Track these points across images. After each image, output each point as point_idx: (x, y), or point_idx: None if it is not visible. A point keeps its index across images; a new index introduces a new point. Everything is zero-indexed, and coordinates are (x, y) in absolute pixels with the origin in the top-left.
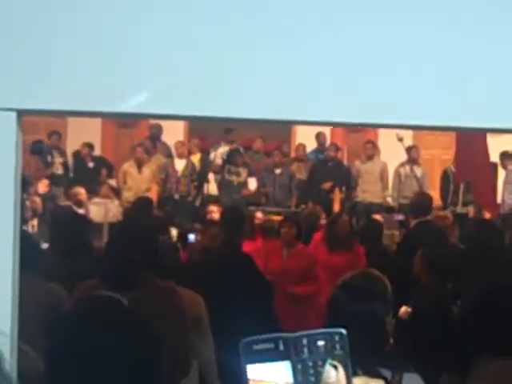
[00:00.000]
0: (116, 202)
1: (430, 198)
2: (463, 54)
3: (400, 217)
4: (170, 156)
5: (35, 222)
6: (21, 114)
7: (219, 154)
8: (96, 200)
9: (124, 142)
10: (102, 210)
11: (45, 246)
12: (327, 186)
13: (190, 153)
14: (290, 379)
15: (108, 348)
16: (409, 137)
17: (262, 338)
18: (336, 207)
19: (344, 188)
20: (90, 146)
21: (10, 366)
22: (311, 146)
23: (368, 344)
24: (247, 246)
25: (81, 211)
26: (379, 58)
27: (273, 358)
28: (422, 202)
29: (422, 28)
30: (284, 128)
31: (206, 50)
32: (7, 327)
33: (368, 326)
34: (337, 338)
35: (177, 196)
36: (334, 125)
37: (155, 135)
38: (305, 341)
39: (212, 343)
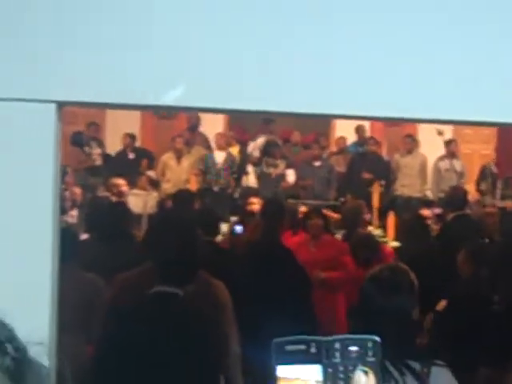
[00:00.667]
0: (154, 194)
1: (464, 192)
2: (503, 51)
3: (437, 210)
4: (209, 148)
5: (75, 212)
6: (61, 105)
7: (257, 145)
8: (135, 191)
9: (163, 133)
10: (140, 201)
11: (84, 236)
12: (367, 175)
13: (229, 145)
14: (320, 380)
15: (170, 345)
16: (448, 131)
17: (295, 339)
18: (375, 201)
19: (383, 181)
20: (132, 137)
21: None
22: (351, 138)
23: (394, 336)
24: (290, 240)
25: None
26: (418, 54)
27: (304, 360)
28: (456, 196)
29: (463, 27)
30: (322, 121)
31: (244, 44)
32: (46, 321)
33: (394, 318)
34: (370, 344)
35: (216, 188)
36: (373, 119)
37: (194, 126)
38: (337, 345)
39: (237, 336)
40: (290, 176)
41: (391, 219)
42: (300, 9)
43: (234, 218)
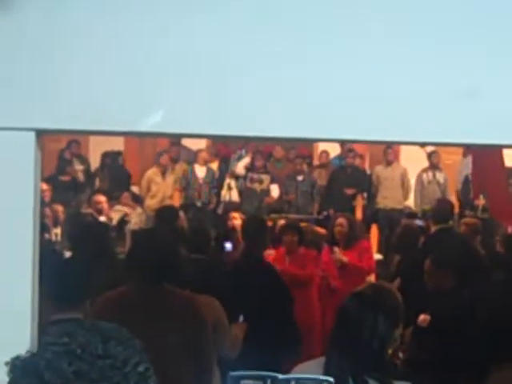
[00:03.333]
0: (138, 210)
1: (451, 205)
2: (476, 74)
3: (420, 223)
4: (192, 163)
5: (58, 230)
6: (40, 133)
7: (241, 164)
8: (118, 207)
9: (147, 148)
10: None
11: (68, 254)
12: (350, 191)
13: (211, 160)
14: None
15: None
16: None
17: (251, 374)
18: (358, 214)
19: (365, 194)
20: (111, 155)
21: None
22: (334, 151)
23: (365, 352)
24: (270, 255)
25: (102, 219)
26: (396, 79)
27: None
28: (443, 209)
29: (438, 48)
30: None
31: (225, 70)
32: (27, 341)
33: (373, 337)
34: None
35: (199, 203)
36: (352, 142)
37: (178, 142)
38: (293, 383)
39: (232, 342)
40: (275, 191)
41: (374, 231)
42: (279, 34)
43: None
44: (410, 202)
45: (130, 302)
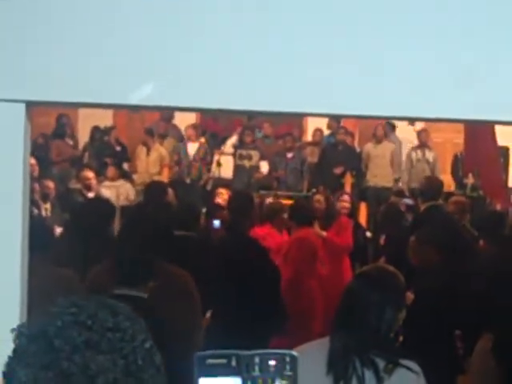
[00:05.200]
0: (128, 185)
1: (440, 183)
2: (469, 53)
3: (410, 201)
4: (181, 139)
5: (48, 205)
6: (29, 105)
7: (230, 142)
8: (107, 183)
9: (136, 124)
10: (113, 193)
11: (58, 230)
12: (339, 170)
13: (201, 136)
14: None
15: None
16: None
17: (216, 353)
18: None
19: (355, 172)
20: (100, 130)
21: None
22: (324, 128)
23: (370, 332)
24: (257, 231)
25: (90, 194)
26: (390, 53)
27: (225, 373)
28: (432, 187)
29: (430, 27)
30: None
31: (216, 43)
32: (16, 314)
33: (377, 318)
34: (288, 358)
35: (188, 180)
36: (345, 117)
37: (167, 118)
38: (257, 359)
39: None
40: (264, 167)
41: (363, 209)
42: (274, 8)
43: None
44: (400, 180)
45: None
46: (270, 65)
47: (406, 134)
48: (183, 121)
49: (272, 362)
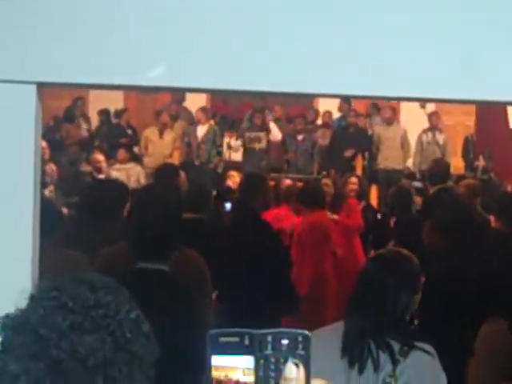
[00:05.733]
0: (138, 168)
1: (447, 165)
2: (478, 33)
3: (419, 184)
4: (192, 122)
5: (51, 188)
6: (40, 86)
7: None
8: (117, 166)
9: (147, 107)
10: (123, 175)
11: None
12: (349, 153)
13: (211, 119)
14: (251, 368)
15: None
16: (431, 103)
17: (229, 331)
18: (358, 174)
19: (366, 154)
20: (107, 113)
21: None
22: (335, 111)
23: (385, 315)
24: (274, 213)
25: (101, 177)
26: (398, 34)
27: (237, 352)
28: (439, 169)
29: (439, 7)
30: (305, 95)
31: (226, 24)
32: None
33: (392, 301)
34: (300, 338)
35: (197, 162)
36: (356, 97)
37: (178, 100)
38: (269, 338)
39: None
40: (275, 133)
41: (374, 192)
42: None
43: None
44: (410, 162)
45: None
46: (280, 45)
47: (418, 117)
48: (194, 103)
49: (285, 341)
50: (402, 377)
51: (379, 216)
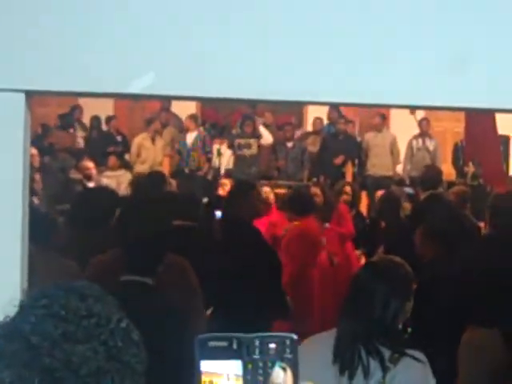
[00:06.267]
0: (129, 175)
1: (439, 172)
2: (466, 39)
3: (409, 190)
4: (181, 128)
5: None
6: (29, 94)
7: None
8: (108, 173)
9: (137, 114)
10: (113, 183)
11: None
12: (339, 160)
13: (201, 126)
14: (240, 375)
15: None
16: (421, 110)
17: (217, 335)
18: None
19: (356, 161)
20: (98, 119)
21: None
22: (325, 117)
23: (376, 321)
24: (267, 220)
25: (91, 184)
26: (387, 43)
27: (226, 356)
28: (431, 176)
29: (430, 14)
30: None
31: (215, 32)
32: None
33: (382, 307)
34: (288, 342)
35: (187, 170)
36: (344, 105)
37: (166, 107)
38: (257, 342)
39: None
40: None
41: (364, 199)
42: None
43: (205, 200)
44: (400, 169)
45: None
46: (269, 53)
47: (408, 123)
48: (183, 111)
49: (272, 345)
50: (392, 383)
51: (367, 222)
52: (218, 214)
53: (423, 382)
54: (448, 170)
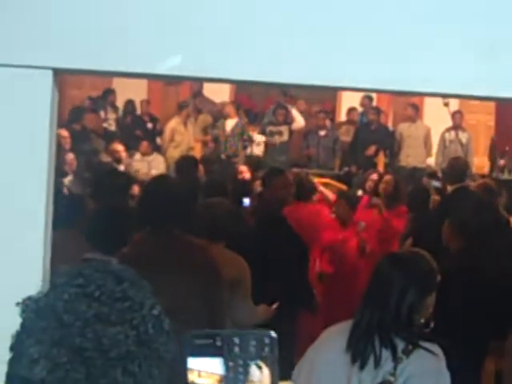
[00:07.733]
0: (161, 159)
1: (465, 164)
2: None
3: (437, 183)
4: (217, 115)
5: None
6: (57, 72)
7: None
8: (138, 157)
9: (170, 99)
10: (144, 167)
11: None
12: (371, 150)
13: (235, 113)
14: (216, 372)
15: None
16: (454, 102)
17: (202, 333)
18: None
19: (388, 152)
20: (132, 103)
21: None
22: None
23: (398, 313)
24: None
25: (121, 168)
26: (423, 31)
27: (210, 353)
28: (456, 168)
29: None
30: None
31: (249, 15)
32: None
33: (403, 299)
34: (267, 340)
35: (223, 156)
36: (379, 91)
37: (198, 93)
38: (237, 340)
39: (249, 310)
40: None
41: None
42: None
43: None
44: (431, 161)
45: (143, 248)
46: (305, 37)
47: (441, 116)
48: (217, 97)
49: (252, 343)
50: (403, 374)
51: None
52: (246, 201)
53: (434, 375)
54: (481, 163)
